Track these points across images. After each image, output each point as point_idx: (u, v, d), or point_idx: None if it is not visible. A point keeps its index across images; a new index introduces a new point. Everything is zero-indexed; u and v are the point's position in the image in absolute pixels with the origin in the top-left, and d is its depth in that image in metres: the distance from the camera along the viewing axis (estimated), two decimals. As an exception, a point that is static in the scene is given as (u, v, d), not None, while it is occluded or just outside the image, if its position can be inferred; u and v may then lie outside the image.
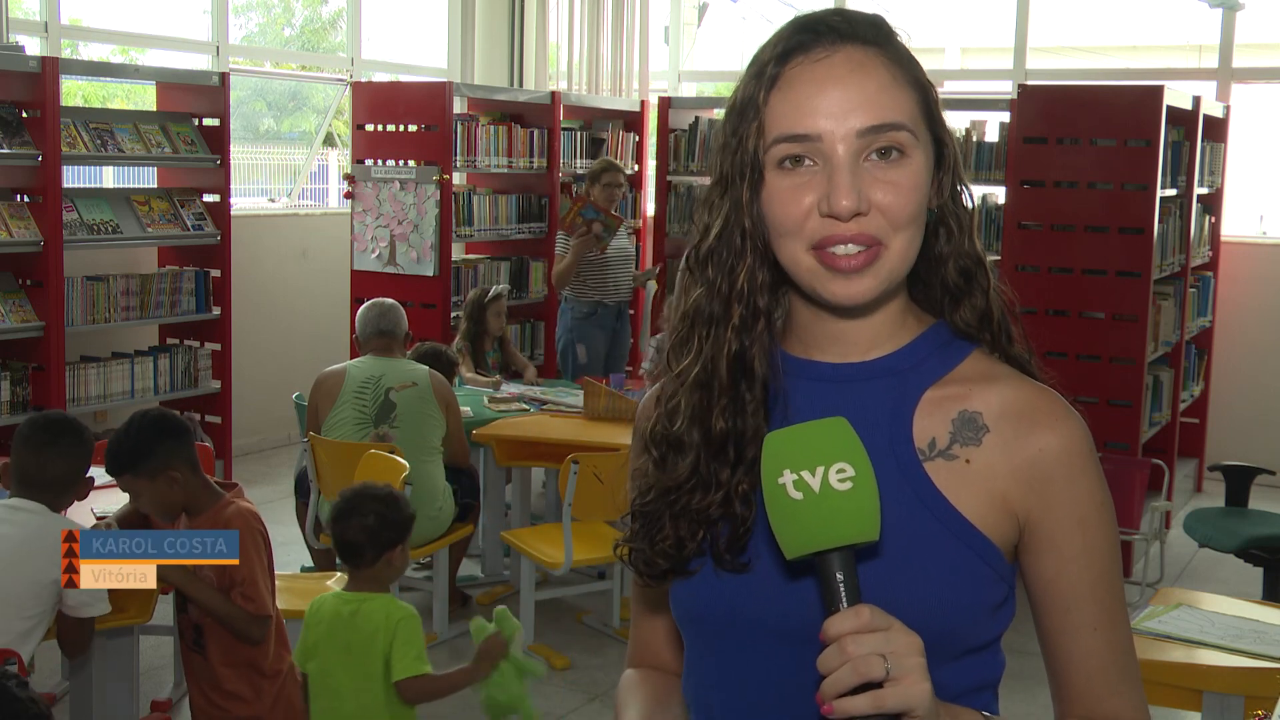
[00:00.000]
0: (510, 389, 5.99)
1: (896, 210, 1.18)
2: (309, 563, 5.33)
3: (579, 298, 6.81)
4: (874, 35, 1.21)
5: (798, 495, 1.09)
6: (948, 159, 1.26)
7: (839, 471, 1.08)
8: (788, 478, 1.09)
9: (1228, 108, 7.40)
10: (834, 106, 1.18)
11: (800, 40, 1.21)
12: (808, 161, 1.19)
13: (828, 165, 1.18)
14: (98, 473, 3.27)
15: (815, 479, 1.08)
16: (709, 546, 1.25)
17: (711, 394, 1.26)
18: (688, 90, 9.66)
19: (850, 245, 1.18)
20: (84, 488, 3.18)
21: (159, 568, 3.01)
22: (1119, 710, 1.25)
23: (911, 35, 1.26)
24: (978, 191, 6.83)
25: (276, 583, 3.26)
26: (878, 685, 1.04)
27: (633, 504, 1.31)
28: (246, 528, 3.08)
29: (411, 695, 2.91)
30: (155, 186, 6.68)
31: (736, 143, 1.22)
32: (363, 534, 3.02)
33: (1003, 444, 1.23)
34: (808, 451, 1.09)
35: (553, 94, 7.93)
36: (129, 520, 3.42)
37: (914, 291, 1.31)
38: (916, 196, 1.20)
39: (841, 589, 1.08)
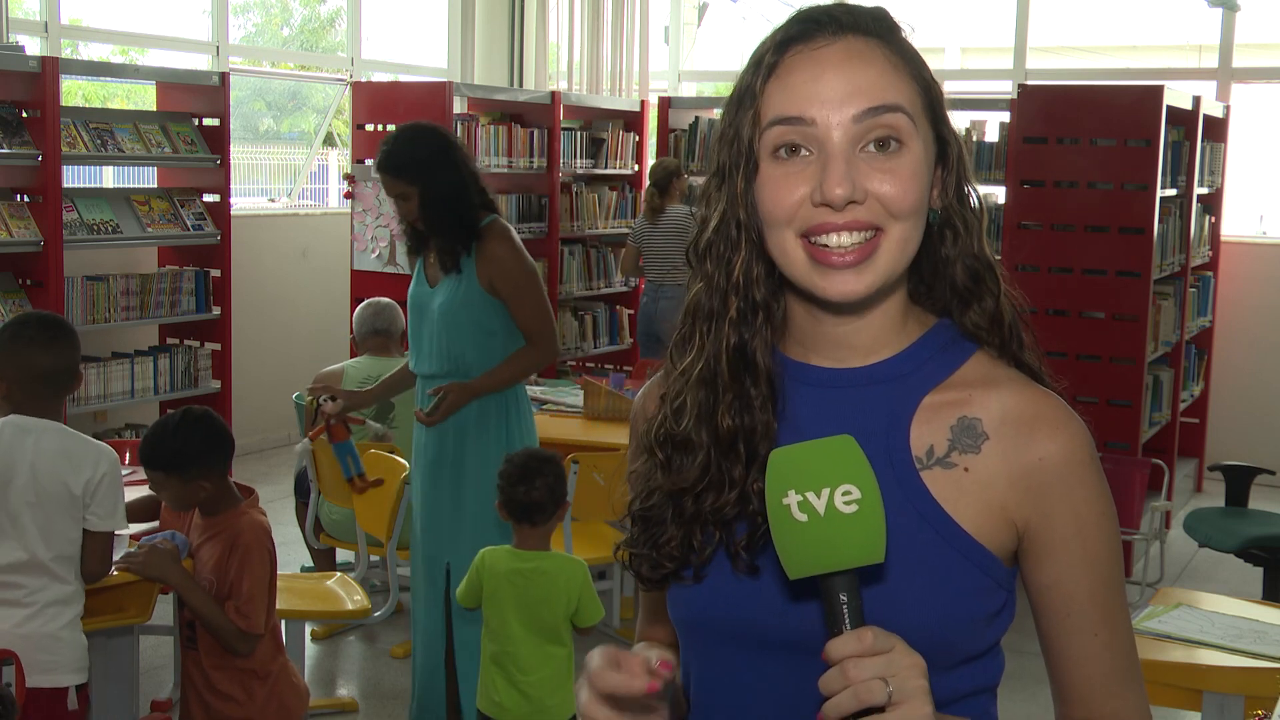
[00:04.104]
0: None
1: (896, 199, 1.16)
2: (309, 563, 5.33)
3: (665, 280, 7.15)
4: (876, 27, 1.20)
5: (802, 517, 1.06)
6: (951, 157, 1.23)
7: (845, 494, 1.05)
8: (792, 498, 1.06)
9: (1228, 108, 7.40)
10: (830, 92, 1.15)
11: (801, 29, 1.19)
12: (804, 151, 1.17)
13: (822, 153, 1.15)
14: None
15: (820, 501, 1.05)
16: (724, 548, 1.22)
17: (716, 391, 1.23)
18: (688, 90, 9.66)
19: (843, 235, 1.15)
20: (79, 380, 3.13)
21: (157, 564, 3.05)
22: (1120, 713, 1.24)
23: (915, 30, 1.25)
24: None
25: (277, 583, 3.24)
26: (880, 709, 1.03)
27: (632, 507, 1.28)
28: (256, 543, 3.06)
29: (589, 632, 3.35)
30: (155, 186, 6.67)
31: (733, 133, 1.20)
32: (546, 493, 3.29)
33: (1002, 452, 1.21)
34: (813, 472, 1.06)
35: (553, 94, 7.92)
36: (141, 508, 3.41)
37: (917, 294, 1.28)
38: (916, 186, 1.17)
39: (845, 611, 1.06)
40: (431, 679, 3.82)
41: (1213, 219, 7.31)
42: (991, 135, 6.88)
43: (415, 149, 3.65)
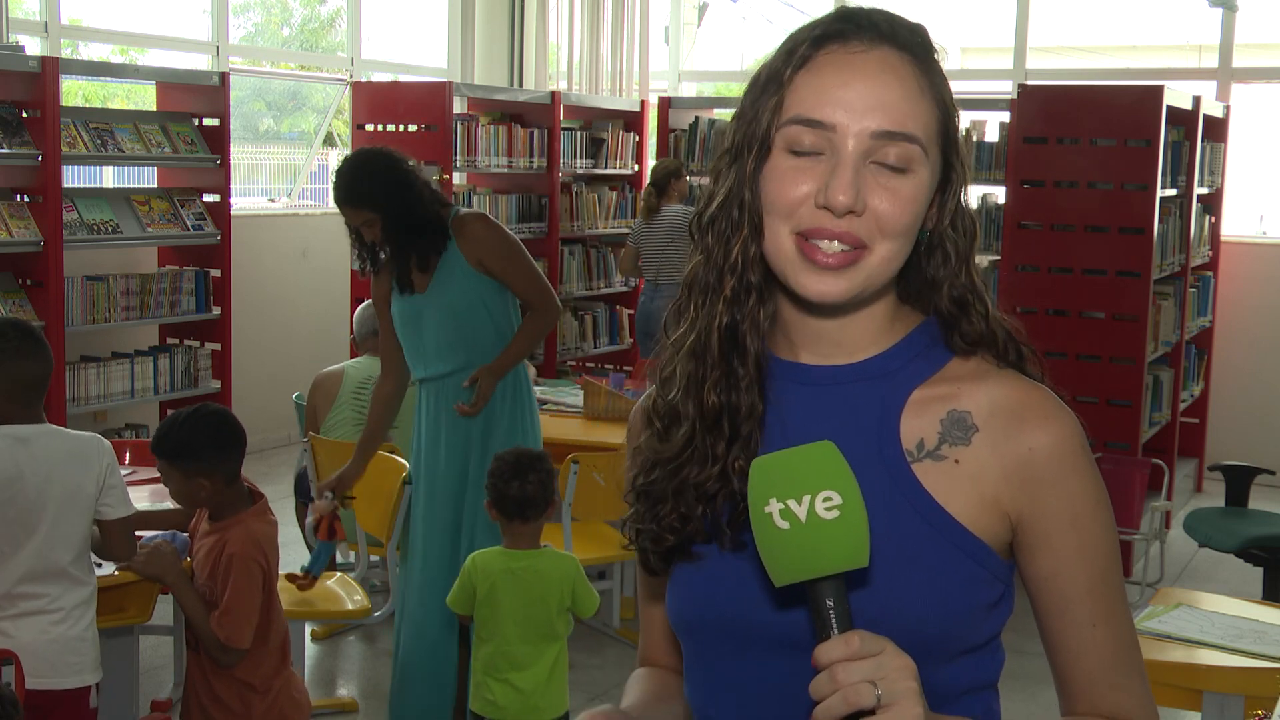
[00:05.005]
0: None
1: (891, 219, 1.17)
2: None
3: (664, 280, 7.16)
4: (912, 42, 1.21)
5: (784, 525, 1.06)
6: (954, 183, 1.25)
7: (825, 500, 1.05)
8: (774, 506, 1.06)
9: (1228, 108, 7.40)
10: (856, 101, 1.16)
11: (840, 28, 1.20)
12: (816, 151, 1.18)
13: (834, 157, 1.17)
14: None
15: (802, 508, 1.06)
16: (709, 525, 1.24)
17: (705, 365, 1.25)
18: (688, 90, 9.66)
19: (835, 243, 1.16)
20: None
21: (156, 563, 3.04)
22: (1122, 704, 1.25)
23: (948, 54, 1.25)
24: (978, 191, 6.84)
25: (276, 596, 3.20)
26: (870, 712, 1.03)
27: (635, 483, 1.29)
28: (243, 554, 3.01)
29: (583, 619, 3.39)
30: (155, 186, 6.67)
31: (753, 114, 1.21)
32: (539, 488, 3.30)
33: (992, 443, 1.22)
34: (793, 479, 1.06)
35: (553, 94, 7.93)
36: (169, 519, 3.41)
37: (907, 295, 1.29)
38: (913, 209, 1.18)
39: (832, 615, 1.06)
40: (414, 672, 3.83)
41: (1213, 219, 7.31)
42: (991, 135, 6.88)
43: (368, 175, 3.73)
